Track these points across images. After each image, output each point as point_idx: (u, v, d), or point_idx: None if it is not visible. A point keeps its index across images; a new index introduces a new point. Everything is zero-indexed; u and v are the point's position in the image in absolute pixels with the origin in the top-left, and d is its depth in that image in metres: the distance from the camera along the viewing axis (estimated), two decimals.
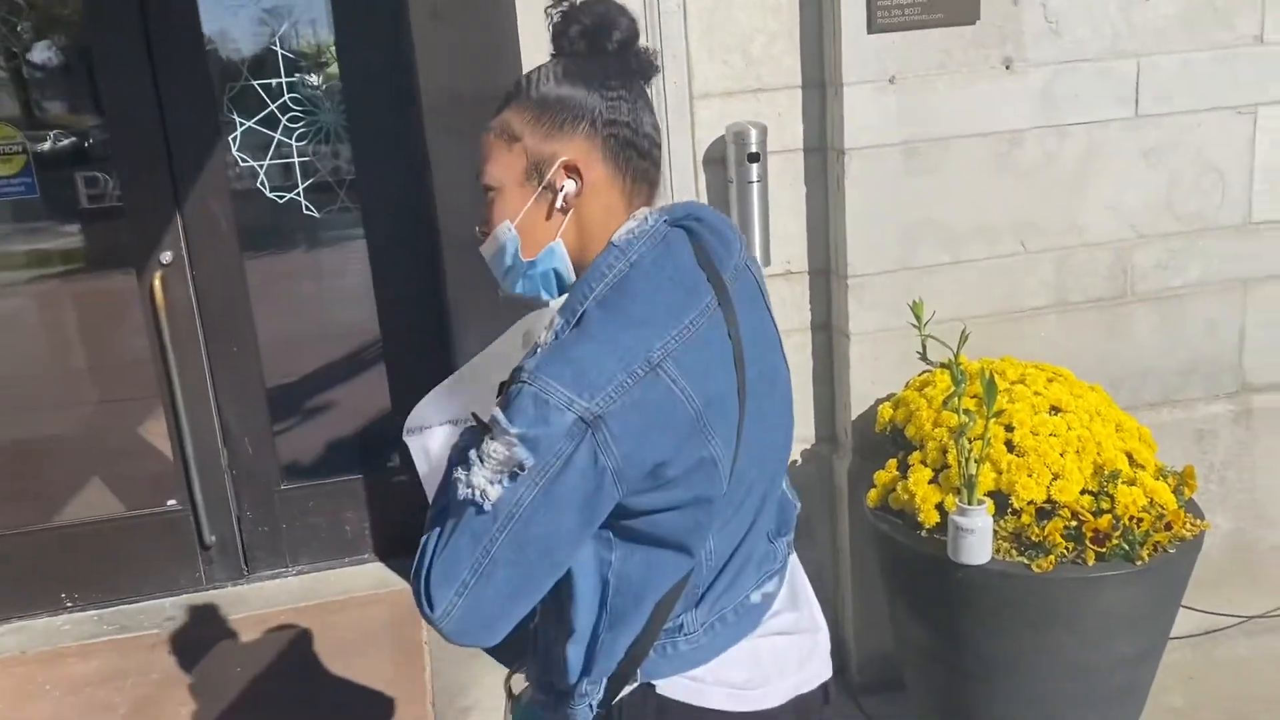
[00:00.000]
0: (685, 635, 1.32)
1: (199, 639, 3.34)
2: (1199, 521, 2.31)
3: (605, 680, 1.30)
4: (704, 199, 2.70)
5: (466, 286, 3.45)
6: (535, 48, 2.46)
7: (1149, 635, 2.35)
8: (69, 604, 3.55)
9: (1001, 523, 2.26)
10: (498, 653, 1.26)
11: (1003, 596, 2.23)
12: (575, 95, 1.26)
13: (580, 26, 1.26)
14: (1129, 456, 2.35)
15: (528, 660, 1.46)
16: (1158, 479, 2.34)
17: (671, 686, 1.32)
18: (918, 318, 2.34)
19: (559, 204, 1.26)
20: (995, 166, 2.67)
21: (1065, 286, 2.79)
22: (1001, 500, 2.28)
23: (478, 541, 1.18)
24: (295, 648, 3.27)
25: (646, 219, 1.28)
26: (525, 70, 2.47)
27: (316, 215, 3.53)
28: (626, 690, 1.31)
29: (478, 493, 1.17)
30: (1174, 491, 2.34)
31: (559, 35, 1.29)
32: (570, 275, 1.31)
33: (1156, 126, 2.73)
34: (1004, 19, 2.58)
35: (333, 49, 3.44)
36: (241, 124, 3.39)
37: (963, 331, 2.32)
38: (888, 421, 2.59)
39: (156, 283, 3.36)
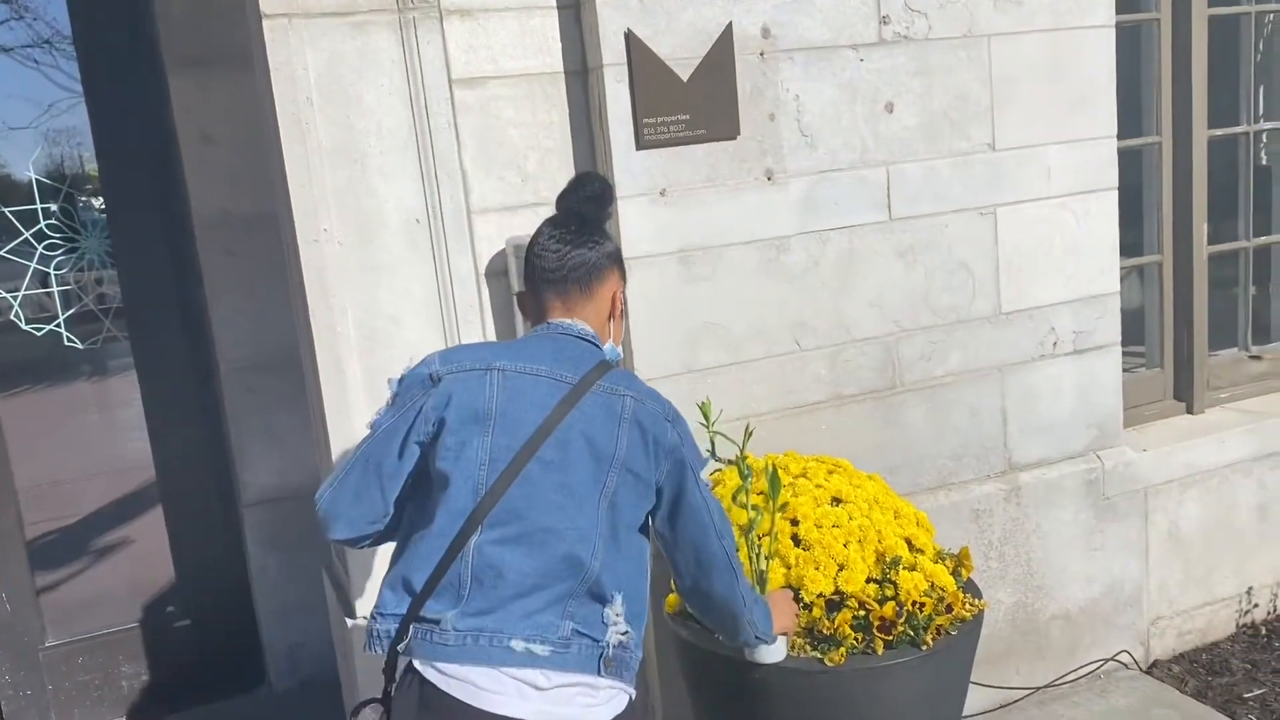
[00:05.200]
0: (440, 631, 1.68)
1: None
2: (977, 601, 2.41)
3: None
4: (487, 312, 2.69)
5: (246, 416, 3.30)
6: (303, 167, 2.42)
7: (942, 717, 2.41)
8: None
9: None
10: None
11: (800, 693, 2.24)
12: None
13: (591, 192, 1.96)
14: (908, 542, 2.43)
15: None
16: (936, 562, 2.43)
17: (426, 671, 1.68)
18: (706, 416, 2.38)
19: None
20: (766, 271, 2.79)
21: (840, 381, 2.91)
22: (793, 595, 2.31)
23: (354, 451, 1.78)
24: None
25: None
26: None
27: (80, 347, 3.31)
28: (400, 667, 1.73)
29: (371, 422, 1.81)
30: (952, 573, 2.44)
31: (581, 195, 1.97)
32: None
33: (908, 229, 2.93)
34: (762, 135, 2.73)
35: (95, 173, 3.28)
36: None
37: (747, 428, 2.37)
38: None
39: None
